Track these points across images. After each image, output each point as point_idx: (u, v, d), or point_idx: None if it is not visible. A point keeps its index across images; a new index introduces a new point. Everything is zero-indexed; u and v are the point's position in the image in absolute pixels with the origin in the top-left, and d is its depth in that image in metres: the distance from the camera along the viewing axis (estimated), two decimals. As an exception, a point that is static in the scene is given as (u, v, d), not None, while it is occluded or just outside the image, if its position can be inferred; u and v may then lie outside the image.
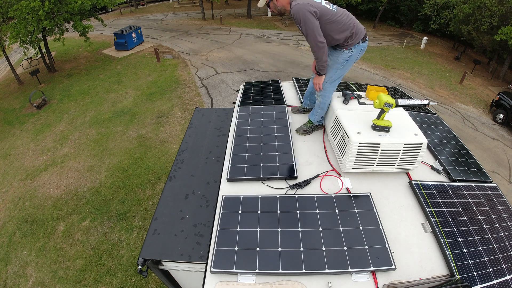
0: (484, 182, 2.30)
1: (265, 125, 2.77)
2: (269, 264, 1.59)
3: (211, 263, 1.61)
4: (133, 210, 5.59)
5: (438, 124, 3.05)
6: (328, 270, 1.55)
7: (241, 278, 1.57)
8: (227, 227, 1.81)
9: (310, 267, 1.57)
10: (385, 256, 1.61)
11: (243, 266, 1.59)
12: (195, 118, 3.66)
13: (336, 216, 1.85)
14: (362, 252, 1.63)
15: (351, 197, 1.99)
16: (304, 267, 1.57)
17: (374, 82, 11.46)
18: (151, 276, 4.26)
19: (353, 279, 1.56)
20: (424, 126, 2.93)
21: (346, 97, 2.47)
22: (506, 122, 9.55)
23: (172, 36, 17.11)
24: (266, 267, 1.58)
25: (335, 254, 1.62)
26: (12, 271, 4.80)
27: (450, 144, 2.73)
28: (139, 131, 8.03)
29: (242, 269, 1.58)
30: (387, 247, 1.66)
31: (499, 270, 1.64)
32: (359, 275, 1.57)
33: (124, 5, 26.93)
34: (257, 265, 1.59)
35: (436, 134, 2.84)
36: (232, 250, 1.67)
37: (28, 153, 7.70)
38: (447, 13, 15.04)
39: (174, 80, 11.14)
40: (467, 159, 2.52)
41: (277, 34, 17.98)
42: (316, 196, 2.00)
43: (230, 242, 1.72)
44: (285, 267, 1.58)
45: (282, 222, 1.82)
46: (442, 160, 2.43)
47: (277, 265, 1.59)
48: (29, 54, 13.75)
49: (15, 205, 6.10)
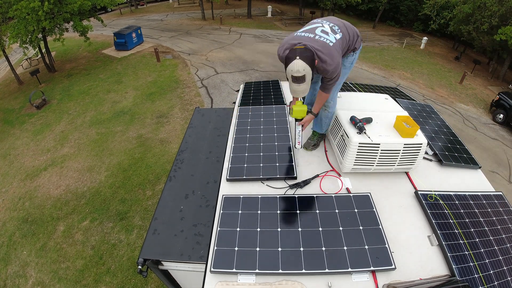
0: (473, 168, 2.40)
1: (265, 125, 2.77)
2: (269, 264, 1.59)
3: (211, 263, 1.61)
4: (133, 210, 5.59)
5: (430, 113, 3.15)
6: (328, 270, 1.55)
7: (241, 278, 1.57)
8: (227, 227, 1.81)
9: (310, 267, 1.57)
10: (385, 256, 1.61)
11: (243, 266, 1.59)
12: (195, 118, 3.65)
13: (336, 216, 1.85)
14: (362, 252, 1.63)
15: (351, 197, 1.99)
16: (304, 267, 1.57)
17: (374, 82, 11.45)
18: (151, 276, 4.26)
19: (353, 279, 1.56)
20: (417, 114, 3.05)
21: (360, 129, 2.07)
22: (506, 122, 9.55)
23: (172, 36, 17.11)
24: (266, 267, 1.58)
25: (335, 254, 1.62)
26: (12, 271, 4.80)
27: (441, 131, 2.82)
28: (139, 131, 8.03)
29: (242, 269, 1.58)
30: (387, 247, 1.66)
31: (500, 272, 1.64)
32: (359, 275, 1.57)
33: (124, 5, 26.91)
34: (257, 265, 1.59)
35: (428, 122, 2.94)
36: (232, 250, 1.67)
37: (28, 153, 7.70)
38: (447, 13, 15.04)
39: (174, 80, 11.14)
40: (457, 146, 2.62)
41: (277, 34, 17.98)
42: (316, 196, 2.00)
43: (230, 242, 1.72)
44: (285, 267, 1.57)
45: (282, 222, 1.82)
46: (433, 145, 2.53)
47: (277, 265, 1.59)
48: (29, 54, 13.72)
49: (15, 205, 6.10)
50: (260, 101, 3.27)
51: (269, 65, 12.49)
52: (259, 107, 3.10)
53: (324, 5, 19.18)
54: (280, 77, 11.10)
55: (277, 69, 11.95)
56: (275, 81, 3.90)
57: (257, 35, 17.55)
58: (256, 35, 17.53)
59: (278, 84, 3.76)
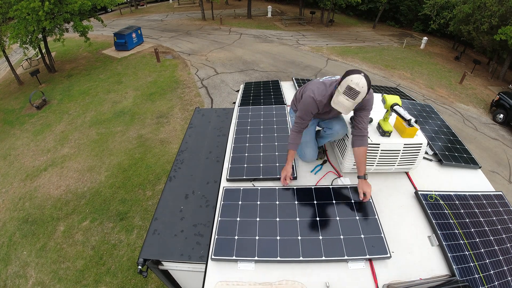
0: (473, 168, 2.40)
1: (265, 125, 2.77)
2: (267, 252, 1.65)
3: (212, 251, 1.67)
4: (133, 210, 5.59)
5: (430, 113, 3.15)
6: (325, 257, 1.60)
7: (241, 265, 1.63)
8: (228, 217, 1.87)
9: (307, 255, 1.62)
10: (381, 244, 1.66)
11: (242, 253, 1.65)
12: (195, 118, 3.66)
13: (333, 206, 1.90)
14: (358, 241, 1.68)
15: (347, 188, 2.04)
16: (301, 255, 1.62)
17: (374, 82, 11.45)
18: (151, 276, 4.26)
19: (349, 267, 1.61)
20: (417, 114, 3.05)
21: None
22: (506, 122, 9.55)
23: (172, 36, 17.11)
24: (264, 255, 1.63)
25: (331, 243, 1.68)
26: (12, 271, 4.80)
27: (441, 131, 2.82)
28: (139, 131, 8.03)
29: (242, 257, 1.63)
30: (383, 236, 1.70)
31: (501, 272, 1.64)
32: (355, 263, 1.62)
33: (124, 5, 26.90)
34: (256, 253, 1.64)
35: (428, 122, 2.95)
36: (232, 238, 1.73)
37: (28, 154, 7.70)
38: (447, 13, 15.04)
39: (174, 80, 11.14)
40: (457, 146, 2.62)
41: (277, 34, 17.98)
42: (314, 188, 2.04)
43: (230, 231, 1.78)
44: (283, 255, 1.63)
45: (281, 212, 1.88)
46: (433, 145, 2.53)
47: (275, 253, 1.64)
48: (29, 54, 13.74)
49: (15, 205, 6.10)
50: (260, 101, 3.27)
51: (269, 65, 12.48)
52: (259, 107, 3.10)
53: (324, 5, 19.17)
54: (280, 77, 11.12)
55: (277, 69, 11.96)
56: (275, 81, 3.90)
57: (257, 35, 17.55)
58: (256, 35, 17.53)
59: (278, 84, 3.76)
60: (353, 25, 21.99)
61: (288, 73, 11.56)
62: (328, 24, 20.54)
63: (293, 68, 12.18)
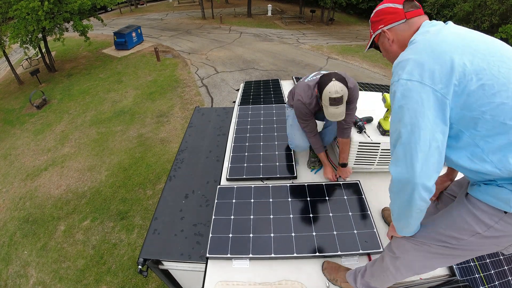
0: None
1: (265, 125, 2.77)
2: (262, 249, 1.66)
3: (207, 250, 1.69)
4: (133, 209, 5.60)
5: None
6: (318, 253, 1.62)
7: (236, 264, 1.64)
8: (222, 215, 1.89)
9: (301, 251, 1.63)
10: (374, 239, 1.67)
11: (237, 251, 1.66)
12: (195, 117, 3.65)
13: (326, 203, 1.92)
14: (351, 237, 1.70)
15: (340, 185, 2.05)
16: (295, 251, 1.63)
17: (375, 81, 11.43)
18: (152, 275, 4.27)
19: (342, 262, 1.62)
20: None
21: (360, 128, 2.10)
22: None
23: (172, 35, 17.09)
24: (259, 252, 1.65)
25: (325, 239, 1.69)
26: (13, 271, 4.81)
27: None
28: (139, 131, 8.03)
29: (236, 254, 1.65)
30: (375, 231, 1.71)
31: (501, 271, 1.64)
32: (349, 259, 1.64)
33: (124, 4, 26.87)
34: (250, 250, 1.66)
35: None
36: (227, 236, 1.75)
37: (28, 153, 7.71)
38: (447, 11, 15.00)
39: (174, 79, 11.13)
40: None
41: (277, 33, 17.95)
42: (307, 185, 2.06)
43: (225, 229, 1.80)
44: (277, 251, 1.64)
45: (275, 209, 1.90)
46: None
47: (269, 250, 1.65)
48: (29, 54, 13.74)
49: (15, 205, 6.11)
50: (260, 100, 3.27)
51: (269, 64, 12.47)
52: (259, 106, 3.10)
53: (324, 4, 19.12)
54: (280, 75, 11.10)
55: (277, 68, 11.94)
56: (275, 80, 3.89)
57: (257, 34, 17.52)
58: (256, 34, 17.50)
59: (278, 83, 3.75)
60: (354, 24, 21.93)
61: (288, 72, 11.54)
62: (328, 22, 20.50)
63: (293, 67, 12.16)
